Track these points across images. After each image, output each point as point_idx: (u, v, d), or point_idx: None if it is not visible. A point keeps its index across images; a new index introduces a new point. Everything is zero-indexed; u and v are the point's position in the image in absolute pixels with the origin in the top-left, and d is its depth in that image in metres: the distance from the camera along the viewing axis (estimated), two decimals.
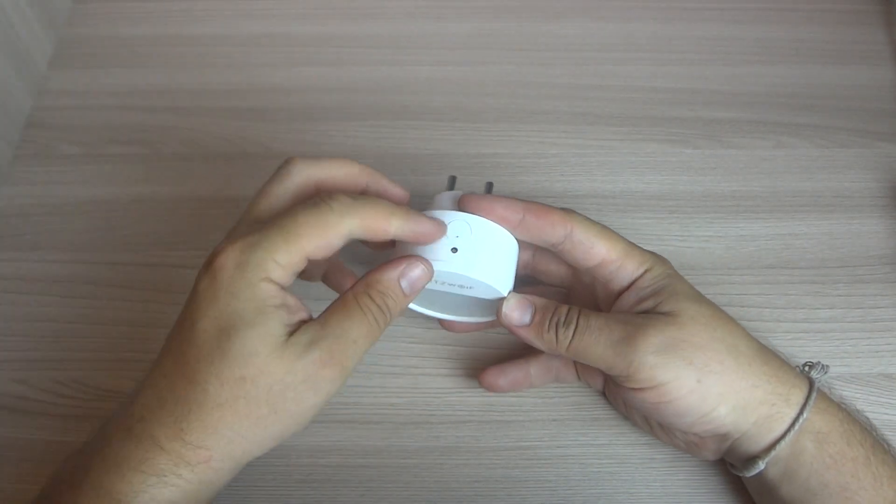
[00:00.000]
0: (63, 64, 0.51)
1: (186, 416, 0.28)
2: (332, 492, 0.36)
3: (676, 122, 0.48)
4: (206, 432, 0.28)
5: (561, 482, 0.37)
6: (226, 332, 0.27)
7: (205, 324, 0.28)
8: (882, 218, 0.44)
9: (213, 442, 0.28)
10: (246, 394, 0.27)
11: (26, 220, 0.45)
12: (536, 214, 0.33)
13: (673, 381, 0.31)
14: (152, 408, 0.28)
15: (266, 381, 0.28)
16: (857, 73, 0.50)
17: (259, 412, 0.28)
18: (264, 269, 0.28)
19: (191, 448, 0.28)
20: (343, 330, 0.29)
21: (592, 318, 0.32)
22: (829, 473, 0.31)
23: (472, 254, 0.32)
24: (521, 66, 0.51)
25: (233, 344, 0.27)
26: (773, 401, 0.31)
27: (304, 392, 0.28)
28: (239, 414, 0.28)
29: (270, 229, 0.28)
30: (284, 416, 0.28)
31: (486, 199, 0.33)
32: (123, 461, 0.27)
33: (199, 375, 0.27)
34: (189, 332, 0.28)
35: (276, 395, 0.28)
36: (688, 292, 0.33)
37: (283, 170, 0.32)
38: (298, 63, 0.51)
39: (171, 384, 0.28)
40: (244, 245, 0.28)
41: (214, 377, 0.27)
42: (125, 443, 0.28)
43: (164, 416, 0.28)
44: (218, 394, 0.27)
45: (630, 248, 0.34)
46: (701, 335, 0.31)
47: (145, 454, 0.27)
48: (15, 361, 0.40)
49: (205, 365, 0.27)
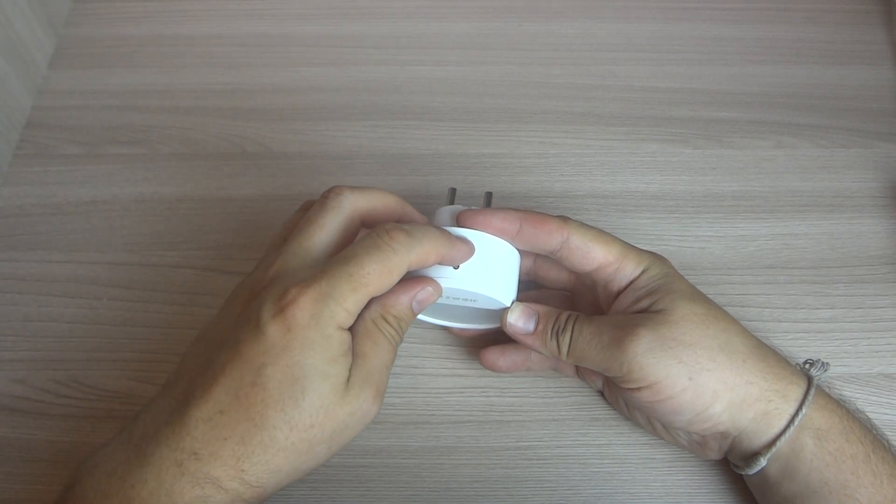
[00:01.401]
0: (63, 64, 0.51)
1: (249, 457, 0.28)
2: (332, 492, 0.36)
3: (676, 122, 0.48)
4: (267, 473, 0.28)
5: (561, 482, 0.37)
6: (300, 381, 0.28)
7: (276, 371, 0.28)
8: (882, 218, 0.44)
9: (270, 480, 0.29)
10: (312, 437, 0.29)
11: (26, 220, 0.45)
12: (533, 224, 0.33)
13: (664, 380, 0.31)
14: (209, 445, 0.28)
15: (330, 425, 0.29)
16: (857, 73, 0.50)
17: (318, 450, 0.29)
18: (336, 321, 0.29)
19: (249, 487, 0.28)
20: (379, 360, 0.31)
21: (585, 324, 0.33)
22: (828, 471, 0.31)
23: (474, 268, 0.33)
24: (521, 66, 0.51)
25: (307, 395, 0.28)
26: (770, 397, 0.31)
27: (355, 427, 0.30)
28: (301, 455, 0.29)
29: (340, 278, 0.29)
30: (336, 449, 0.30)
31: (483, 213, 0.34)
32: (178, 497, 0.27)
33: (267, 421, 0.28)
34: (254, 374, 0.28)
35: (336, 434, 0.29)
36: (684, 291, 0.33)
37: (334, 201, 0.32)
38: (298, 63, 0.51)
39: (232, 423, 0.28)
40: (317, 296, 0.28)
41: (284, 424, 0.28)
42: (178, 479, 0.27)
43: (226, 455, 0.28)
44: (286, 438, 0.28)
45: (627, 250, 0.34)
46: (692, 333, 0.31)
47: (202, 492, 0.27)
48: (14, 361, 0.40)
49: (274, 412, 0.28)
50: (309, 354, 0.28)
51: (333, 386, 0.29)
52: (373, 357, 0.30)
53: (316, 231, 0.32)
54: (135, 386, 0.39)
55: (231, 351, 0.29)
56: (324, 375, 0.28)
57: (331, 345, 0.29)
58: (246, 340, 0.28)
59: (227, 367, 0.28)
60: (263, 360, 0.28)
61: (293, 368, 0.28)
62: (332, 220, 0.32)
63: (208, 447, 0.28)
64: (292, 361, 0.28)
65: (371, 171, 0.46)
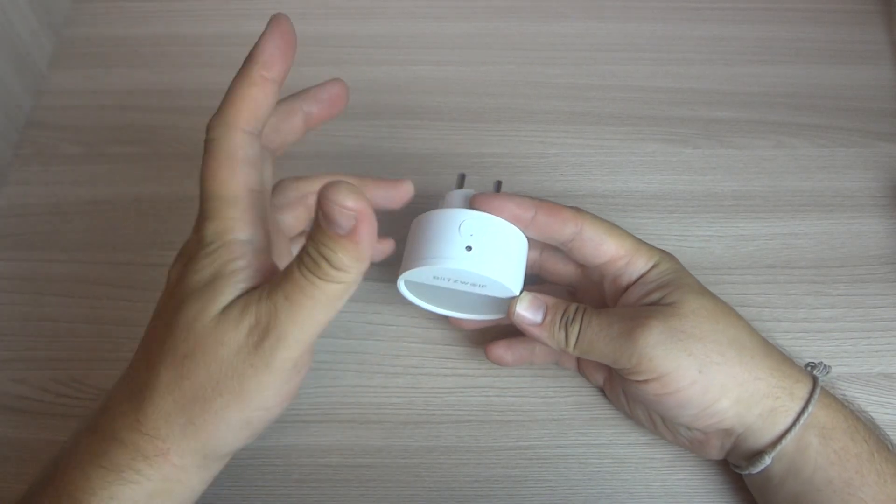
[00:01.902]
0: (63, 64, 0.51)
1: (142, 404, 0.26)
2: (332, 492, 0.36)
3: (676, 121, 0.48)
4: (158, 420, 0.26)
5: (561, 482, 0.37)
6: (177, 306, 0.26)
7: (163, 302, 0.27)
8: (882, 218, 0.44)
9: (166, 431, 0.26)
10: (188, 373, 0.25)
11: (26, 220, 0.45)
12: (548, 212, 0.33)
13: (674, 372, 0.31)
14: (117, 400, 0.27)
15: (203, 356, 0.25)
16: (857, 73, 0.50)
17: (205, 393, 0.25)
18: (230, 230, 0.27)
19: (147, 439, 0.26)
20: (284, 290, 0.25)
21: (594, 316, 0.33)
22: (833, 469, 0.31)
23: (487, 252, 0.32)
24: (521, 66, 0.51)
25: (178, 319, 0.25)
26: (777, 394, 0.31)
27: (240, 367, 0.25)
28: (186, 397, 0.25)
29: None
30: (232, 400, 0.26)
31: (498, 197, 0.33)
32: (84, 456, 0.26)
33: (154, 357, 0.26)
34: (154, 319, 0.27)
35: (217, 373, 0.25)
36: (693, 286, 0.33)
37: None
38: (298, 63, 0.50)
39: (135, 373, 0.27)
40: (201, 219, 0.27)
41: (164, 357, 0.26)
42: (87, 437, 0.27)
43: (125, 406, 0.26)
44: (168, 376, 0.26)
45: (639, 245, 0.34)
46: (702, 327, 0.31)
47: (105, 447, 0.26)
48: (14, 361, 0.40)
49: (157, 345, 0.26)
50: (195, 276, 0.26)
51: (205, 305, 0.25)
52: (280, 284, 0.25)
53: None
54: None
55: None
56: (198, 293, 0.26)
57: (219, 257, 0.26)
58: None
59: (147, 327, 0.28)
60: (162, 300, 0.27)
61: (177, 294, 0.26)
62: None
63: (116, 402, 0.27)
64: (181, 287, 0.26)
65: (371, 171, 0.46)
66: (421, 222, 0.35)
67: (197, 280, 0.26)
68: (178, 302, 0.26)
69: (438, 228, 0.33)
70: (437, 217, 0.34)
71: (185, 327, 0.25)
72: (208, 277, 0.26)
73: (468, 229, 0.33)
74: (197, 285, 0.26)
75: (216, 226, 0.27)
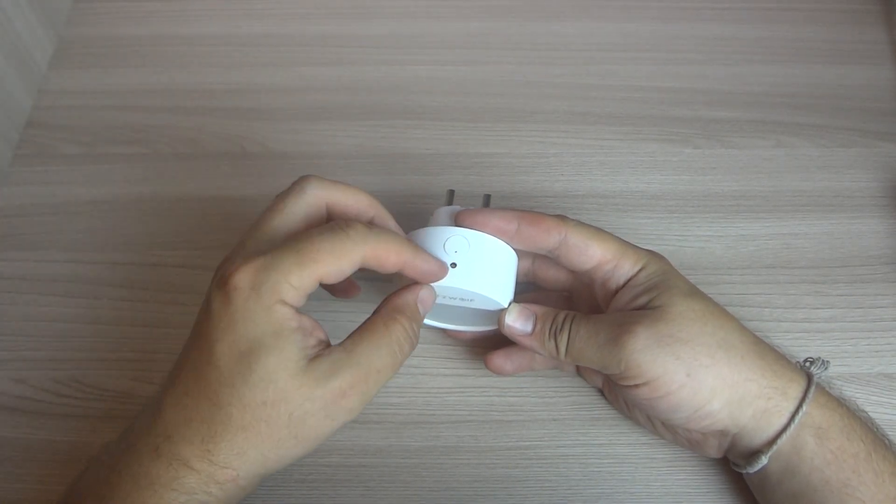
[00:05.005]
0: (63, 64, 0.51)
1: (212, 438, 0.28)
2: (332, 492, 0.36)
3: (676, 121, 0.48)
4: (232, 453, 0.28)
5: (561, 482, 0.37)
6: (245, 356, 0.28)
7: (223, 347, 0.28)
8: (882, 218, 0.44)
9: (239, 462, 0.28)
10: (267, 418, 0.28)
11: (26, 220, 0.45)
12: (531, 223, 0.33)
13: (662, 376, 0.31)
14: (178, 427, 0.28)
15: (286, 407, 0.28)
16: (857, 73, 0.50)
17: (279, 435, 0.28)
18: (278, 292, 0.28)
19: (218, 468, 0.28)
20: (368, 359, 0.29)
21: (583, 323, 0.33)
22: (829, 469, 0.31)
23: (471, 268, 0.33)
24: (521, 66, 0.51)
25: (253, 370, 0.27)
26: (770, 394, 0.31)
27: (322, 419, 0.29)
28: (261, 437, 0.28)
29: (286, 251, 0.28)
30: (304, 441, 0.29)
31: (481, 213, 0.34)
32: (156, 479, 0.28)
33: (222, 399, 0.28)
34: (208, 353, 0.28)
35: (297, 421, 0.28)
36: (681, 288, 0.33)
37: (298, 186, 0.32)
38: (298, 63, 0.51)
39: (195, 404, 0.28)
40: (259, 266, 0.28)
41: (237, 401, 0.28)
42: (155, 462, 0.28)
43: (191, 435, 0.28)
44: (241, 417, 0.28)
45: (625, 248, 0.34)
46: (689, 329, 0.31)
47: (176, 473, 0.28)
48: (14, 361, 0.40)
49: (227, 389, 0.28)
50: (251, 327, 0.28)
51: (282, 361, 0.28)
52: (361, 353, 0.29)
53: (276, 214, 0.31)
54: (135, 386, 0.39)
55: (192, 334, 0.29)
56: (269, 349, 0.27)
57: (272, 318, 0.28)
58: (200, 321, 0.29)
59: (189, 350, 0.29)
60: (214, 338, 0.28)
61: (239, 343, 0.28)
62: (293, 205, 0.31)
63: (178, 430, 0.28)
64: (238, 336, 0.28)
65: (371, 171, 0.46)
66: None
67: (261, 332, 0.28)
68: (244, 349, 0.28)
69: (424, 247, 0.33)
70: (422, 235, 0.34)
71: (264, 378, 0.28)
72: (272, 333, 0.28)
73: (452, 246, 0.33)
74: (263, 338, 0.28)
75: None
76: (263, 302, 0.28)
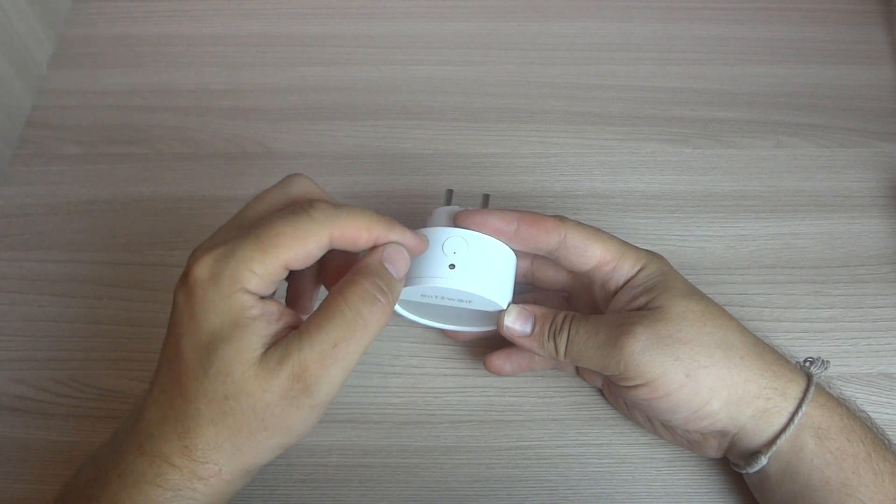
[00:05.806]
0: (63, 64, 0.51)
1: (187, 433, 0.28)
2: (332, 492, 0.36)
3: (676, 121, 0.48)
4: (208, 448, 0.28)
5: (561, 482, 0.37)
6: (206, 348, 0.27)
7: (186, 340, 0.27)
8: (882, 218, 0.44)
9: (218, 457, 0.28)
10: (231, 411, 0.27)
11: (26, 220, 0.45)
12: (530, 223, 0.33)
13: (661, 377, 0.31)
14: (157, 424, 0.28)
15: (247, 399, 0.27)
16: (857, 73, 0.50)
17: (250, 427, 0.28)
18: (239, 280, 0.27)
19: (199, 464, 0.28)
20: (321, 336, 0.28)
21: (582, 324, 0.33)
22: (829, 470, 0.31)
23: (470, 269, 0.33)
24: (521, 66, 0.51)
25: (212, 362, 0.27)
26: (769, 395, 0.31)
27: (287, 408, 0.28)
28: (232, 430, 0.28)
29: (245, 237, 0.27)
30: (277, 431, 0.28)
31: (480, 213, 0.34)
32: (140, 477, 0.28)
33: (190, 393, 0.27)
34: (175, 347, 0.28)
35: (262, 412, 0.27)
36: (680, 288, 0.33)
37: (284, 180, 0.31)
38: (298, 63, 0.51)
39: (170, 400, 0.28)
40: (218, 255, 0.27)
41: (202, 395, 0.27)
42: (138, 459, 0.28)
43: (169, 432, 0.28)
44: (209, 411, 0.27)
45: (624, 248, 0.34)
46: (688, 330, 0.31)
47: (159, 470, 0.28)
48: (14, 361, 0.40)
49: (193, 383, 0.27)
50: (211, 318, 0.27)
51: (237, 353, 0.27)
52: (313, 332, 0.28)
53: (255, 203, 0.30)
54: (135, 386, 0.39)
55: (167, 331, 0.29)
56: (226, 340, 0.27)
57: (232, 306, 0.27)
58: (170, 316, 0.29)
59: (163, 347, 0.29)
60: (180, 331, 0.28)
61: (200, 335, 0.27)
62: (272, 197, 0.31)
63: (157, 427, 0.28)
64: (199, 328, 0.27)
65: (371, 171, 0.46)
66: None
67: (220, 323, 0.27)
68: (204, 341, 0.27)
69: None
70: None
71: (222, 371, 0.27)
72: (229, 323, 0.27)
73: (451, 247, 0.33)
74: (221, 329, 0.27)
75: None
76: (223, 291, 0.27)
